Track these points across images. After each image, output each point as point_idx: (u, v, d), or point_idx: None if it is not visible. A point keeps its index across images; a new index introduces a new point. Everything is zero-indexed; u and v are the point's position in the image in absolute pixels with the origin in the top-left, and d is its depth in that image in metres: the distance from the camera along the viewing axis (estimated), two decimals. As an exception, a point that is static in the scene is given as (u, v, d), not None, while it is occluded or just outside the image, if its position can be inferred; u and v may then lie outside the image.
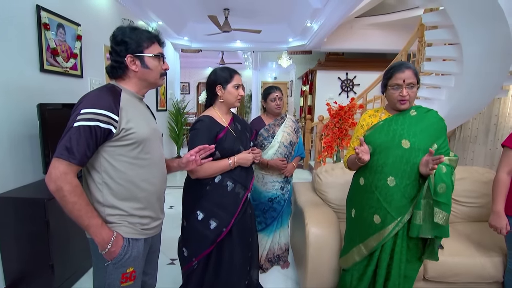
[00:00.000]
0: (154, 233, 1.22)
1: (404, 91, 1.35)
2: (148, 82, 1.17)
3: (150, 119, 1.22)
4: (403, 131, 1.39)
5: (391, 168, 1.36)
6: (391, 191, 1.36)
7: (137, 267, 1.14)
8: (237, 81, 1.58)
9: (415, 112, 1.43)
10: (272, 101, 2.12)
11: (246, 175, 1.57)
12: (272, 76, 10.04)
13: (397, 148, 1.37)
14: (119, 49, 1.09)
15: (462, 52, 2.59)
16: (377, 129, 1.44)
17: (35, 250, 1.82)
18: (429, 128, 1.39)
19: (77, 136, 0.95)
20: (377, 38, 5.71)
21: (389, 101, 1.45)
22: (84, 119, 0.97)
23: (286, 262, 2.31)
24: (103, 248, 1.03)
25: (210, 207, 1.50)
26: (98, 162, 1.05)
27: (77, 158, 0.95)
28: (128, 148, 1.07)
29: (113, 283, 1.09)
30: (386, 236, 1.37)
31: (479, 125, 3.95)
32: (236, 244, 1.55)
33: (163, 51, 1.19)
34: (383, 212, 1.37)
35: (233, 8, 4.80)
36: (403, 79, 1.35)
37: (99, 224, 1.02)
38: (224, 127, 1.54)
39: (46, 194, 1.83)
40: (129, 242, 1.09)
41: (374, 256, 1.43)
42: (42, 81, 2.27)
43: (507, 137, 1.65)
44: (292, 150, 2.19)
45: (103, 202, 1.06)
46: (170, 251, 2.32)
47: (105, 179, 1.06)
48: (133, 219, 1.11)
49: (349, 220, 1.57)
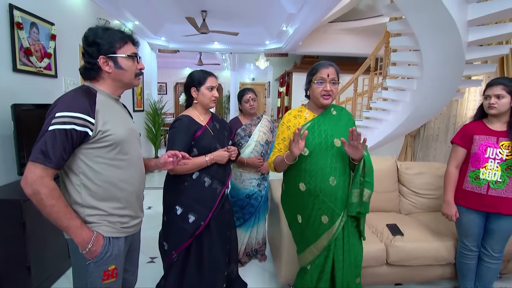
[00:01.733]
0: (134, 231, 1.24)
1: (328, 85, 1.40)
2: (122, 83, 1.16)
3: (127, 120, 1.23)
4: (332, 130, 1.45)
5: (331, 169, 1.41)
6: (334, 191, 1.41)
7: (118, 264, 1.15)
8: (211, 83, 1.63)
9: (335, 112, 1.52)
10: (246, 102, 2.23)
11: (223, 172, 1.66)
12: (250, 77, 10.16)
13: (331, 148, 1.42)
14: (91, 51, 1.08)
15: (422, 58, 2.84)
16: (309, 130, 1.44)
17: (11, 252, 1.80)
18: (348, 125, 1.48)
19: (53, 139, 0.95)
20: (349, 42, 6.00)
21: (313, 97, 1.48)
22: (59, 123, 0.96)
23: (263, 256, 2.43)
24: (83, 248, 1.04)
25: (188, 202, 1.57)
26: (76, 164, 1.05)
27: (53, 162, 0.95)
28: (105, 149, 1.07)
29: (95, 281, 1.09)
30: (335, 232, 1.42)
31: (440, 124, 4.30)
32: (214, 238, 1.63)
33: (137, 50, 1.18)
34: (330, 212, 1.41)
35: (211, 10, 4.86)
36: (327, 73, 1.40)
37: (79, 225, 1.02)
38: (202, 126, 1.62)
39: (21, 195, 1.81)
40: (109, 241, 1.10)
41: (330, 251, 1.45)
42: (15, 81, 2.23)
43: (455, 135, 1.86)
44: (268, 148, 2.31)
45: (82, 203, 1.06)
46: (150, 250, 2.35)
47: (83, 181, 1.06)
48: (113, 218, 1.12)
49: (296, 225, 1.55)
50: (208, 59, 8.98)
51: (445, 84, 2.99)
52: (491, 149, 1.70)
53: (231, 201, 2.28)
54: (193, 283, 1.62)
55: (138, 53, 1.18)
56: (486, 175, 1.70)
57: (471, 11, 2.43)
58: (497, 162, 1.68)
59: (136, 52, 1.17)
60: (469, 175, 1.76)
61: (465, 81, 3.10)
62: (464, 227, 1.81)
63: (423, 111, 3.46)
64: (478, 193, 1.72)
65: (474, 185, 1.74)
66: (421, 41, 2.72)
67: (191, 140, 1.57)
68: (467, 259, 1.84)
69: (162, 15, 5.23)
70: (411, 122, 3.64)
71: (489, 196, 1.69)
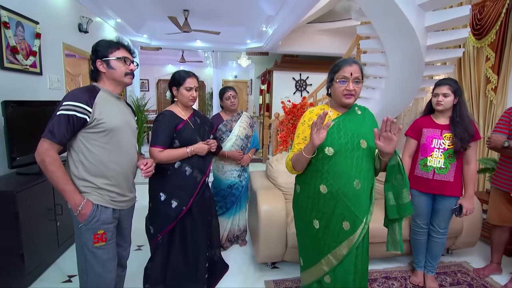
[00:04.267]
0: (122, 207, 1.45)
1: (350, 85, 1.31)
2: (116, 81, 1.40)
3: (125, 114, 1.46)
4: (359, 130, 1.36)
5: (356, 171, 1.32)
6: (358, 195, 1.32)
7: (107, 231, 1.36)
8: (190, 84, 1.77)
9: (359, 111, 1.44)
10: (227, 99, 2.42)
11: (203, 162, 1.83)
12: (233, 74, 10.29)
13: (357, 149, 1.33)
14: (93, 57, 1.37)
15: (387, 59, 3.12)
16: (334, 129, 1.35)
17: (5, 240, 1.90)
18: (373, 125, 1.41)
19: (58, 122, 1.22)
20: (326, 42, 6.29)
21: (334, 96, 1.39)
22: (65, 109, 1.23)
23: (244, 241, 2.64)
24: (75, 210, 1.27)
25: (171, 189, 1.74)
26: (76, 144, 1.31)
27: (57, 138, 1.22)
28: (100, 134, 1.31)
29: (87, 242, 1.33)
30: (356, 240, 1.33)
31: (408, 120, 4.66)
32: (196, 222, 1.81)
33: (129, 55, 1.42)
34: (352, 217, 1.33)
35: (193, 10, 4.98)
36: (350, 72, 1.31)
37: (72, 190, 1.27)
38: (184, 120, 1.79)
39: (14, 187, 1.93)
40: (97, 208, 1.33)
41: (350, 260, 1.36)
42: (3, 78, 2.31)
43: (408, 128, 2.13)
44: (248, 142, 2.51)
45: (78, 176, 1.31)
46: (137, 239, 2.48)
47: (81, 158, 1.31)
48: (102, 191, 1.35)
49: (310, 233, 1.42)
50: (190, 57, 9.03)
51: (408, 83, 3.29)
52: (436, 140, 1.98)
53: (214, 191, 2.48)
54: (177, 263, 1.79)
55: (131, 58, 1.44)
56: (433, 162, 1.98)
57: (428, 18, 2.73)
58: (441, 151, 1.96)
59: (126, 56, 1.41)
60: (419, 163, 2.04)
61: (426, 80, 3.42)
62: (416, 208, 2.09)
63: (391, 108, 3.76)
64: (426, 178, 1.99)
65: (423, 171, 2.01)
66: (386, 44, 3.00)
67: (173, 133, 1.73)
68: (419, 235, 2.13)
69: (144, 13, 5.29)
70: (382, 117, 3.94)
71: (434, 180, 1.97)
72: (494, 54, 3.19)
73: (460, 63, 3.65)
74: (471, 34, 3.40)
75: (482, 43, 3.31)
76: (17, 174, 2.23)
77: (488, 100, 3.31)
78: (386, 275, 2.20)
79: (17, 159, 2.10)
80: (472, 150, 1.94)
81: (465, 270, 2.29)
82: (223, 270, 2.18)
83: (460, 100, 1.95)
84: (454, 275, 2.23)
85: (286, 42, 5.99)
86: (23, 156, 2.12)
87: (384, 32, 2.90)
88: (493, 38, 3.18)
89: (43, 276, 2.12)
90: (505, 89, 3.15)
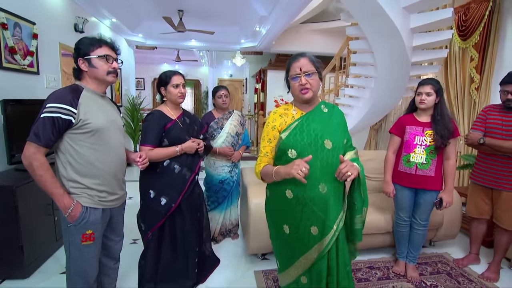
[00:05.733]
0: (113, 205, 1.47)
1: (302, 79, 1.27)
2: (98, 80, 1.38)
3: (110, 112, 1.45)
4: (322, 130, 1.30)
5: (321, 174, 1.26)
6: (325, 199, 1.27)
7: (95, 231, 1.39)
8: (176, 81, 1.81)
9: (326, 109, 1.38)
10: (219, 98, 2.52)
11: (192, 160, 1.88)
12: (228, 73, 10.36)
13: (321, 150, 1.28)
14: (75, 56, 1.36)
15: (375, 59, 3.23)
16: (297, 130, 1.30)
17: (6, 233, 1.98)
18: (340, 124, 1.37)
19: (43, 124, 1.21)
20: (319, 42, 6.39)
21: (294, 94, 1.36)
22: (49, 111, 1.22)
23: (235, 234, 2.74)
24: (64, 212, 1.29)
25: (160, 186, 1.79)
26: (63, 146, 1.31)
27: (43, 141, 1.22)
28: (86, 135, 1.31)
29: (74, 241, 1.36)
30: (327, 245, 1.29)
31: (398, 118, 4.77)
32: (186, 218, 1.87)
33: (112, 52, 1.39)
34: (320, 222, 1.28)
35: (187, 10, 5.05)
36: (299, 67, 1.29)
37: (61, 193, 1.28)
38: (172, 119, 1.84)
39: (14, 182, 2.01)
40: (87, 210, 1.34)
41: (323, 262, 1.32)
42: (1, 78, 2.38)
43: (392, 126, 2.24)
44: (238, 139, 2.61)
45: (67, 177, 1.32)
46: (132, 233, 2.58)
47: (69, 159, 1.31)
48: (92, 192, 1.36)
49: (282, 237, 1.39)
50: (186, 56, 9.07)
51: (395, 82, 3.40)
52: (418, 137, 2.09)
53: (206, 186, 2.57)
54: (167, 259, 1.87)
55: (114, 56, 1.41)
56: (415, 158, 2.08)
57: (414, 20, 2.84)
58: (422, 147, 2.07)
59: (109, 54, 1.38)
60: (402, 159, 2.15)
61: (414, 80, 3.53)
62: (399, 202, 2.20)
63: (381, 106, 3.88)
64: (409, 173, 2.10)
65: (406, 167, 2.12)
66: (373, 45, 3.10)
67: (162, 132, 1.78)
68: (401, 228, 2.24)
69: (139, 13, 5.35)
70: (372, 116, 4.06)
71: (417, 175, 2.08)
72: (477, 55, 3.31)
73: (447, 63, 3.77)
74: (456, 35, 3.53)
75: (467, 43, 3.43)
76: (15, 170, 2.30)
77: (472, 99, 3.43)
78: (370, 265, 2.32)
79: (15, 155, 2.18)
80: (452, 147, 2.05)
81: (445, 261, 2.42)
82: (214, 264, 2.25)
83: (441, 99, 2.06)
84: (434, 265, 2.35)
85: (279, 41, 6.09)
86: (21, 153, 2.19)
87: (371, 33, 3.00)
88: (477, 39, 3.30)
89: (42, 268, 2.20)
90: (488, 88, 3.28)
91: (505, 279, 2.20)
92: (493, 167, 2.13)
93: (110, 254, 1.60)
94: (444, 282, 2.14)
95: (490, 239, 2.57)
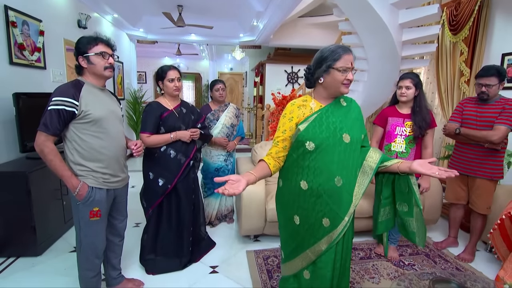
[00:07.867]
0: (116, 186, 1.65)
1: (351, 74, 1.25)
2: (97, 75, 1.54)
3: (110, 104, 1.61)
4: (341, 124, 1.29)
5: (338, 167, 1.26)
6: (339, 192, 1.28)
7: (102, 208, 1.58)
8: (171, 76, 2.00)
9: (344, 102, 1.36)
10: (216, 91, 2.68)
11: (186, 147, 2.08)
12: (229, 67, 10.46)
13: (339, 144, 1.27)
14: (76, 54, 1.52)
15: (366, 54, 3.36)
16: (315, 122, 1.28)
17: (20, 215, 2.18)
18: (358, 118, 1.36)
19: (50, 116, 1.39)
20: (317, 36, 6.48)
21: (331, 85, 1.28)
22: (54, 104, 1.40)
23: (231, 219, 2.94)
24: (73, 191, 1.48)
25: (158, 169, 2.02)
26: (69, 134, 1.49)
27: (51, 131, 1.40)
28: (88, 124, 1.48)
29: (84, 217, 1.55)
30: (336, 237, 1.30)
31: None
32: (181, 199, 2.09)
33: (107, 49, 1.52)
34: (332, 214, 1.29)
35: (186, 5, 5.17)
36: (351, 61, 1.25)
37: (69, 175, 1.47)
38: (168, 109, 2.04)
39: (27, 168, 2.20)
40: (92, 189, 1.53)
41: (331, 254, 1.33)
42: (12, 72, 2.56)
43: (375, 117, 2.39)
44: (233, 130, 2.78)
45: (74, 161, 1.51)
46: (135, 218, 2.79)
47: (75, 146, 1.50)
48: (96, 174, 1.54)
49: (291, 227, 1.39)
50: (186, 49, 9.17)
51: (386, 76, 3.52)
52: (399, 128, 2.24)
53: (203, 173, 2.76)
54: (165, 233, 2.10)
55: (110, 52, 1.55)
56: (396, 147, 2.24)
57: (402, 16, 2.95)
58: (402, 137, 2.22)
59: (105, 51, 1.52)
60: (384, 148, 2.30)
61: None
62: (381, 188, 2.36)
63: (373, 99, 4.01)
64: (389, 161, 2.27)
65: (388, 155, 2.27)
66: (364, 40, 3.23)
67: (159, 120, 1.99)
68: (383, 212, 2.41)
69: (140, 8, 5.47)
70: (365, 108, 4.18)
71: (396, 163, 2.24)
72: (467, 49, 3.42)
73: (438, 57, 3.87)
74: (447, 30, 3.63)
75: (457, 38, 3.53)
76: (26, 158, 2.49)
77: (461, 92, 3.55)
78: (354, 247, 2.50)
79: (27, 145, 2.36)
80: (429, 137, 2.20)
81: (425, 244, 2.58)
82: (209, 246, 2.44)
83: (420, 92, 2.20)
84: (414, 247, 2.53)
85: (277, 35, 6.19)
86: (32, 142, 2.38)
87: (361, 28, 3.12)
88: (466, 34, 3.41)
89: (53, 247, 2.42)
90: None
91: (480, 260, 2.37)
92: (468, 155, 2.28)
93: (115, 231, 1.80)
94: (422, 262, 2.32)
95: (469, 224, 2.73)
